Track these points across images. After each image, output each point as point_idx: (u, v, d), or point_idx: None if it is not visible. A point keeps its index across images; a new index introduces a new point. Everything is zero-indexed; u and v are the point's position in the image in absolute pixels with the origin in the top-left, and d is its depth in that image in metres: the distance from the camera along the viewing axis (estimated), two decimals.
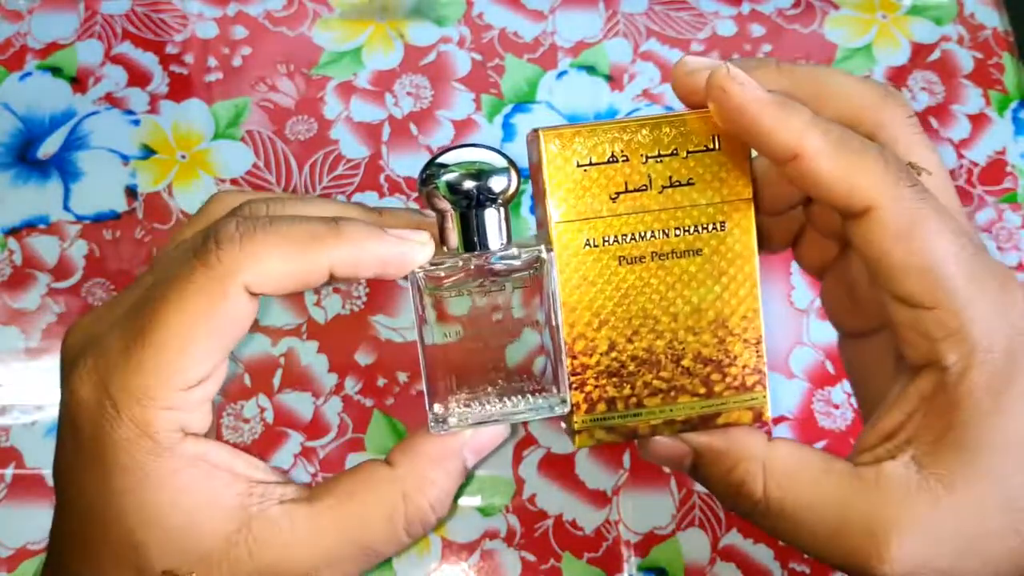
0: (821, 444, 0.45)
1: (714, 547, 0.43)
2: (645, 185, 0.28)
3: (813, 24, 0.54)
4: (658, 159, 0.28)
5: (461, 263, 0.27)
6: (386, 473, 0.27)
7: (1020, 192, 0.51)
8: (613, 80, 0.52)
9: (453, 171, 0.26)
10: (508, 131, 0.50)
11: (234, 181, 0.48)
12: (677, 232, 0.29)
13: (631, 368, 0.29)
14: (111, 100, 0.50)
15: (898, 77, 0.53)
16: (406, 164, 0.49)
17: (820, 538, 0.26)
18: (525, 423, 0.44)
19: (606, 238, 0.29)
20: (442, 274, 0.27)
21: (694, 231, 0.29)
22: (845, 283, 0.31)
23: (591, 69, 0.52)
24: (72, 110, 0.49)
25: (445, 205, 0.27)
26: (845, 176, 0.25)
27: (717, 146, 0.28)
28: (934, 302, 0.25)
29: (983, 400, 0.25)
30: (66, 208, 0.47)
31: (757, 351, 0.29)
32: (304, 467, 0.43)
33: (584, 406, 0.29)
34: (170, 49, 0.51)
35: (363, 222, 0.26)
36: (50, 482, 0.42)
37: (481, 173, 0.27)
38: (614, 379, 0.29)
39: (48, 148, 0.48)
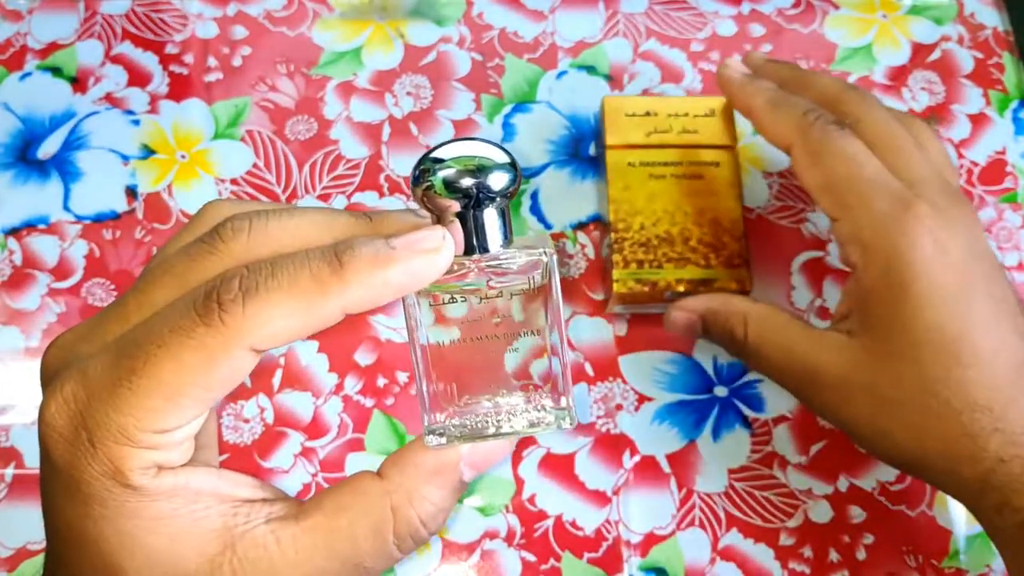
0: (820, 444, 0.45)
1: (714, 547, 0.43)
2: (667, 130, 0.45)
3: (813, 24, 0.54)
4: (676, 117, 0.45)
5: (459, 266, 0.25)
6: (376, 486, 0.26)
7: (1020, 192, 0.51)
8: (613, 80, 0.52)
9: (450, 167, 0.24)
10: (508, 131, 0.50)
11: (234, 181, 0.48)
12: (689, 164, 0.44)
13: (654, 243, 0.43)
14: (111, 100, 0.50)
15: (898, 77, 0.53)
16: (406, 164, 0.49)
17: (778, 368, 0.36)
18: None
19: (642, 161, 0.44)
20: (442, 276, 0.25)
21: (699, 164, 0.44)
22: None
23: (591, 69, 0.52)
24: (72, 110, 0.49)
25: (442, 204, 0.24)
26: (774, 124, 0.38)
27: (713, 113, 0.45)
28: (836, 215, 0.35)
29: (884, 293, 0.33)
30: (66, 208, 0.47)
31: (740, 243, 0.43)
32: (304, 467, 0.43)
33: (622, 263, 0.42)
34: (170, 49, 0.51)
35: (368, 246, 0.23)
36: None
37: (480, 169, 0.24)
38: (643, 248, 0.43)
39: (48, 148, 0.48)
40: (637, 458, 0.44)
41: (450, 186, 0.24)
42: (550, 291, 0.26)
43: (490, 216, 0.25)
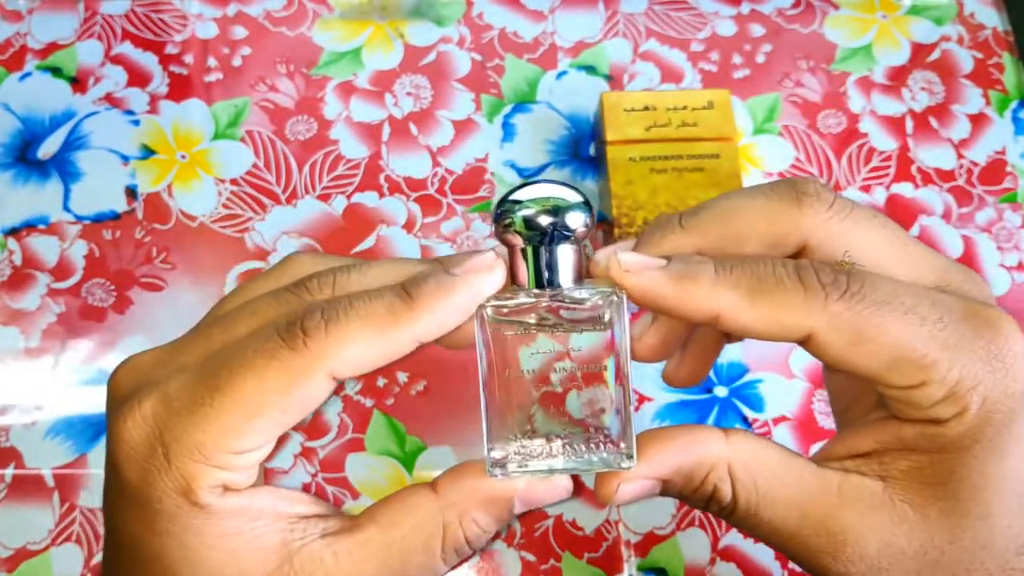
0: (820, 444, 0.45)
1: (714, 547, 0.43)
2: (667, 124, 0.45)
3: (813, 24, 0.54)
4: (675, 110, 0.45)
5: (530, 299, 0.26)
6: (430, 501, 0.26)
7: (1020, 192, 0.51)
8: (613, 80, 0.52)
9: (529, 207, 0.26)
10: (508, 131, 0.50)
11: (234, 181, 0.48)
12: (689, 157, 0.44)
13: None
14: (111, 100, 0.50)
15: (898, 77, 0.53)
16: (406, 164, 0.49)
17: (783, 535, 0.26)
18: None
19: (643, 156, 0.45)
20: (509, 309, 0.26)
21: (699, 157, 0.45)
22: None
23: (591, 69, 0.52)
24: (72, 110, 0.49)
25: (518, 240, 0.26)
26: (771, 318, 0.25)
27: (711, 105, 0.45)
28: (917, 382, 0.25)
29: (972, 445, 0.25)
30: (66, 208, 0.47)
31: None
32: (304, 467, 0.43)
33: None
34: (170, 49, 0.51)
35: (432, 278, 0.25)
36: (49, 482, 0.42)
37: (557, 209, 0.26)
38: None
39: (48, 148, 0.48)
40: None
41: (528, 224, 0.26)
42: (618, 332, 0.26)
43: (564, 253, 0.26)
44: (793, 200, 0.26)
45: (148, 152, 0.49)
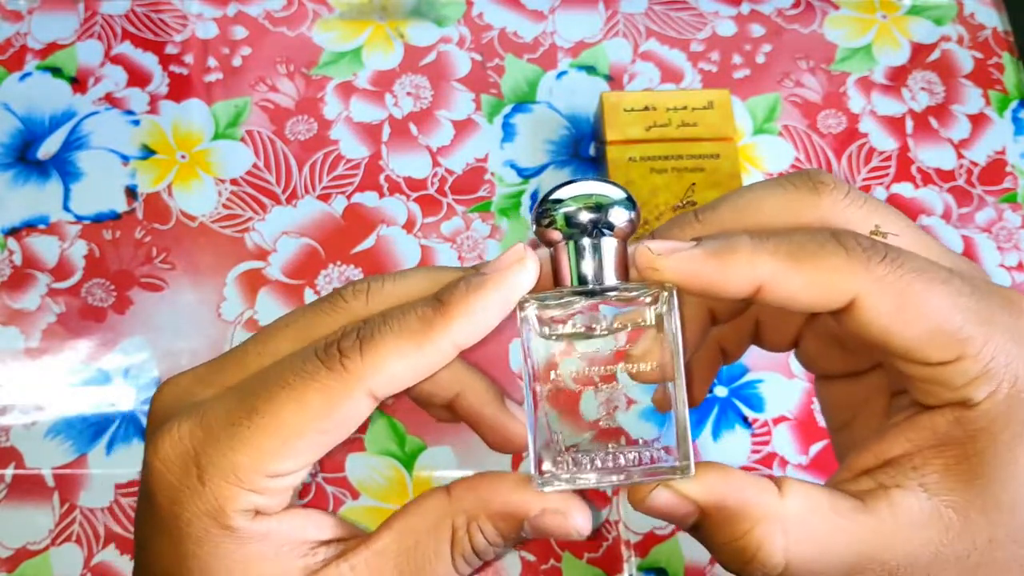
0: (820, 444, 0.45)
1: None
2: (666, 124, 0.45)
3: (813, 24, 0.54)
4: (674, 110, 0.45)
5: (573, 298, 0.25)
6: (440, 506, 0.26)
7: (1020, 192, 0.51)
8: (613, 80, 0.52)
9: (570, 204, 0.25)
10: (508, 131, 0.50)
11: (234, 181, 0.48)
12: (689, 157, 0.44)
13: None
14: (111, 100, 0.50)
15: (898, 77, 0.53)
16: (406, 164, 0.49)
17: None
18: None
19: (643, 156, 0.45)
20: (555, 312, 0.25)
21: (699, 157, 0.45)
22: (827, 334, 0.30)
23: (591, 69, 0.52)
24: (72, 110, 0.49)
25: (560, 238, 0.25)
26: (814, 283, 0.24)
27: (711, 105, 0.46)
28: (953, 356, 0.24)
29: (1002, 431, 0.24)
30: (66, 208, 0.47)
31: None
32: None
33: None
34: (170, 49, 0.51)
35: (463, 281, 0.24)
36: (49, 482, 0.42)
37: (600, 205, 0.24)
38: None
39: (48, 148, 0.48)
40: None
41: (570, 221, 0.24)
42: (670, 331, 0.24)
43: (608, 249, 0.25)
44: (811, 189, 0.26)
45: (148, 152, 0.49)
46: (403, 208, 0.48)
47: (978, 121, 0.52)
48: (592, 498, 0.43)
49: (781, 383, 0.46)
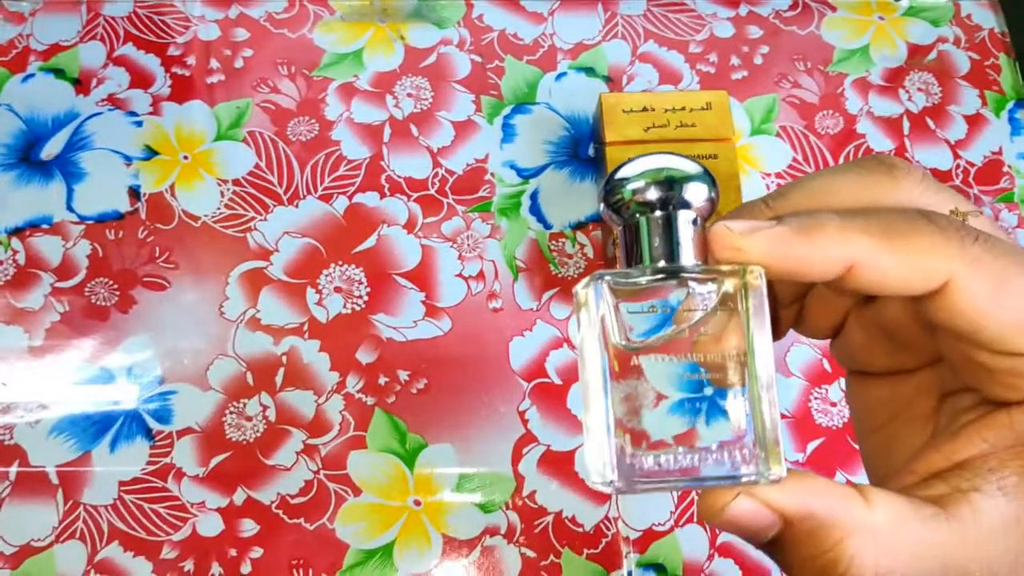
0: (818, 442, 0.45)
1: (712, 543, 0.43)
2: (665, 124, 0.46)
3: (810, 26, 0.54)
4: (673, 111, 0.46)
5: (648, 280, 0.22)
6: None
7: (1017, 191, 0.51)
8: (612, 81, 0.52)
9: (640, 180, 0.22)
10: (507, 132, 0.50)
11: (236, 182, 0.49)
12: (688, 157, 0.40)
13: None
14: (113, 101, 0.50)
15: (895, 78, 0.53)
16: (407, 165, 0.50)
17: None
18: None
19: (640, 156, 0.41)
20: (628, 290, 0.22)
21: (698, 157, 0.45)
22: (878, 325, 0.28)
23: (590, 71, 0.52)
24: (75, 111, 0.50)
25: (633, 217, 0.22)
26: (907, 263, 0.22)
27: (709, 106, 0.46)
28: None
29: None
30: (69, 208, 0.48)
31: None
32: (306, 464, 0.44)
33: None
34: (172, 51, 0.51)
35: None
36: (53, 479, 0.43)
37: (673, 180, 0.22)
38: None
39: (51, 149, 0.49)
40: None
41: (643, 196, 0.22)
42: (757, 319, 0.22)
43: (685, 227, 0.22)
44: (886, 172, 0.25)
45: (151, 153, 0.49)
46: (404, 208, 0.48)
47: (975, 122, 0.52)
48: (591, 495, 0.44)
49: (779, 382, 0.46)
